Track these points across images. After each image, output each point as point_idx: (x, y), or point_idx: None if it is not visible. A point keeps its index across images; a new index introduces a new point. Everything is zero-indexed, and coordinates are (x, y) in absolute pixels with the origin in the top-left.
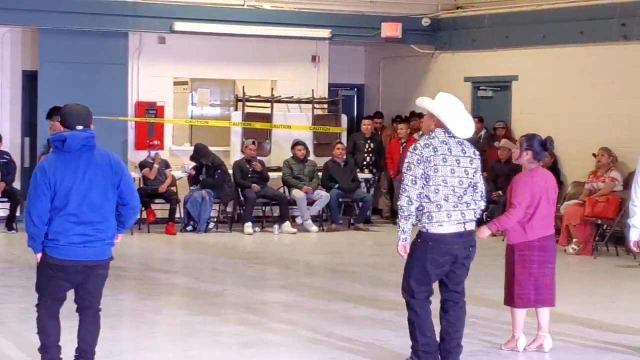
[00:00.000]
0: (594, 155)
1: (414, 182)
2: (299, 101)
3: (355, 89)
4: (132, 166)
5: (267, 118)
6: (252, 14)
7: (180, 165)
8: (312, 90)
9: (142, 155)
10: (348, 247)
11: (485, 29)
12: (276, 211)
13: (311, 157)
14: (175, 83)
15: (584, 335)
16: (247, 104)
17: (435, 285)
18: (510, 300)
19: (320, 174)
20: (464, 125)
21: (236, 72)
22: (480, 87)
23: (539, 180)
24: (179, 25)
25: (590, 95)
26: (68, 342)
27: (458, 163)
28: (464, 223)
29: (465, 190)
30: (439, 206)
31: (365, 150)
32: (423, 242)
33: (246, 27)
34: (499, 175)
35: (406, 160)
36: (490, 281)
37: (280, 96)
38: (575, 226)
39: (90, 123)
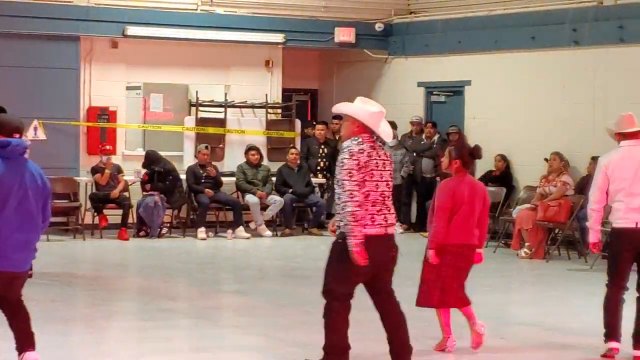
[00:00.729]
0: (545, 159)
1: (359, 186)
2: (252, 106)
3: (309, 94)
4: (84, 171)
5: (221, 123)
6: (206, 19)
7: (133, 170)
8: (266, 95)
9: (95, 160)
10: (302, 251)
11: (438, 34)
12: (230, 216)
13: (265, 162)
14: (128, 88)
15: (535, 336)
16: (201, 108)
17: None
18: (418, 299)
19: (274, 179)
20: (387, 129)
21: (189, 77)
22: (434, 92)
23: (465, 188)
24: (131, 30)
25: (542, 100)
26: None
27: (384, 167)
28: (386, 227)
29: (387, 194)
30: (365, 210)
31: (319, 155)
32: (346, 244)
33: (199, 32)
34: None
35: (345, 167)
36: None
37: (233, 101)
38: (528, 230)
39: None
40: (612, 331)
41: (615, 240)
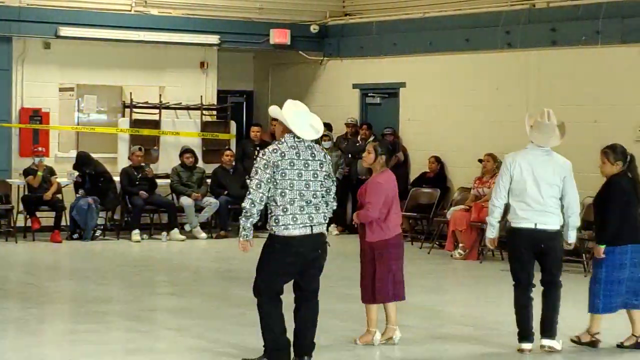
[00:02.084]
0: (479, 161)
1: (258, 186)
2: (187, 108)
3: (245, 96)
4: (17, 174)
5: (155, 125)
6: (140, 20)
7: (67, 172)
8: (201, 96)
9: (27, 162)
10: (237, 253)
11: (373, 36)
12: (164, 218)
13: (200, 163)
14: (61, 89)
15: (469, 336)
16: (135, 110)
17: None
18: (371, 297)
19: (209, 180)
20: (308, 129)
21: (123, 78)
22: (369, 94)
23: (391, 183)
24: (64, 31)
25: (476, 102)
26: None
27: (306, 167)
28: (311, 226)
29: (314, 194)
30: (285, 210)
31: (255, 156)
32: (271, 244)
33: (133, 33)
34: None
35: (255, 164)
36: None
37: (168, 102)
38: (462, 231)
39: None
40: (522, 332)
41: (514, 240)
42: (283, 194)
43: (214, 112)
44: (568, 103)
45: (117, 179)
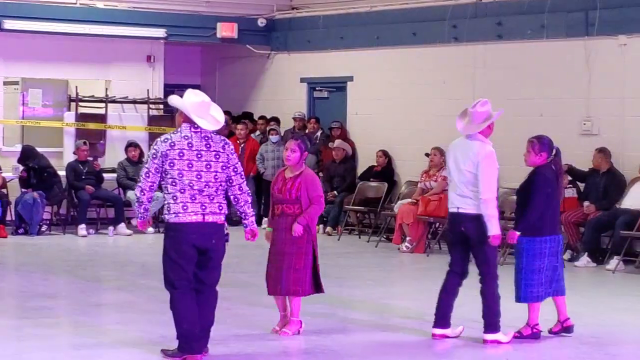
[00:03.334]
0: (426, 155)
1: (147, 175)
2: (134, 101)
3: None
4: None
5: (102, 119)
6: (85, 13)
7: (12, 166)
8: (148, 90)
9: None
10: None
11: (320, 30)
12: (111, 213)
13: (146, 158)
14: (6, 83)
15: (417, 329)
16: (81, 104)
17: None
18: (311, 289)
19: None
20: (207, 118)
21: (69, 72)
22: (316, 88)
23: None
24: (8, 24)
25: (423, 96)
26: None
27: (199, 157)
28: (203, 214)
29: (207, 184)
30: (174, 198)
31: None
32: (166, 232)
33: (79, 26)
34: (334, 176)
35: (148, 153)
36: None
37: (114, 96)
38: (409, 225)
39: None
40: (437, 317)
41: (447, 223)
42: (174, 183)
43: (161, 106)
44: (514, 97)
45: (62, 173)
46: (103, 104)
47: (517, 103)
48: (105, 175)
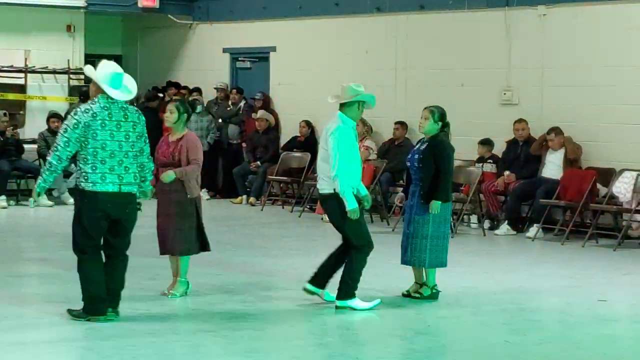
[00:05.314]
0: None
1: (67, 144)
2: (54, 72)
3: (113, 60)
4: None
5: (21, 89)
6: None
7: None
8: (68, 60)
9: None
10: None
11: (242, 0)
12: (31, 184)
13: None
14: None
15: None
16: (0, 74)
17: None
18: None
19: None
20: (119, 89)
21: None
22: (239, 59)
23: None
24: None
25: (346, 66)
26: None
27: (118, 128)
28: (120, 185)
29: (126, 154)
30: (94, 168)
31: None
32: (81, 200)
33: None
34: (258, 146)
35: (65, 122)
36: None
37: (34, 66)
38: None
39: None
40: (314, 273)
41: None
42: (95, 153)
43: (82, 77)
44: (436, 67)
45: None
46: (22, 74)
47: (438, 73)
48: (25, 146)
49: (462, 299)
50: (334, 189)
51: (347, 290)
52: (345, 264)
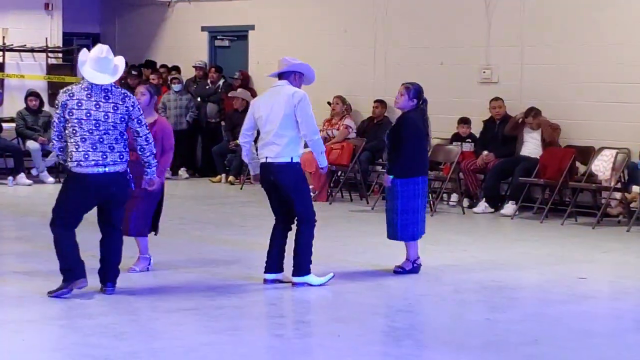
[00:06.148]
0: (328, 103)
1: (54, 124)
2: (32, 50)
3: (91, 39)
4: None
5: None
6: None
7: None
8: (46, 38)
9: None
10: None
11: None
12: (10, 163)
13: (46, 107)
14: None
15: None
16: None
17: None
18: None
19: None
20: (97, 75)
21: None
22: (218, 37)
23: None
24: None
25: (325, 44)
26: None
27: (97, 108)
28: (104, 164)
29: (106, 132)
30: (77, 146)
31: None
32: (67, 179)
33: None
34: (237, 125)
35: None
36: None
37: (12, 45)
38: (311, 173)
39: None
40: (267, 263)
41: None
42: (74, 131)
43: (60, 55)
44: (415, 45)
45: None
46: (0, 53)
47: (417, 51)
48: (3, 124)
49: (442, 276)
50: (291, 158)
51: (303, 265)
52: (296, 240)
